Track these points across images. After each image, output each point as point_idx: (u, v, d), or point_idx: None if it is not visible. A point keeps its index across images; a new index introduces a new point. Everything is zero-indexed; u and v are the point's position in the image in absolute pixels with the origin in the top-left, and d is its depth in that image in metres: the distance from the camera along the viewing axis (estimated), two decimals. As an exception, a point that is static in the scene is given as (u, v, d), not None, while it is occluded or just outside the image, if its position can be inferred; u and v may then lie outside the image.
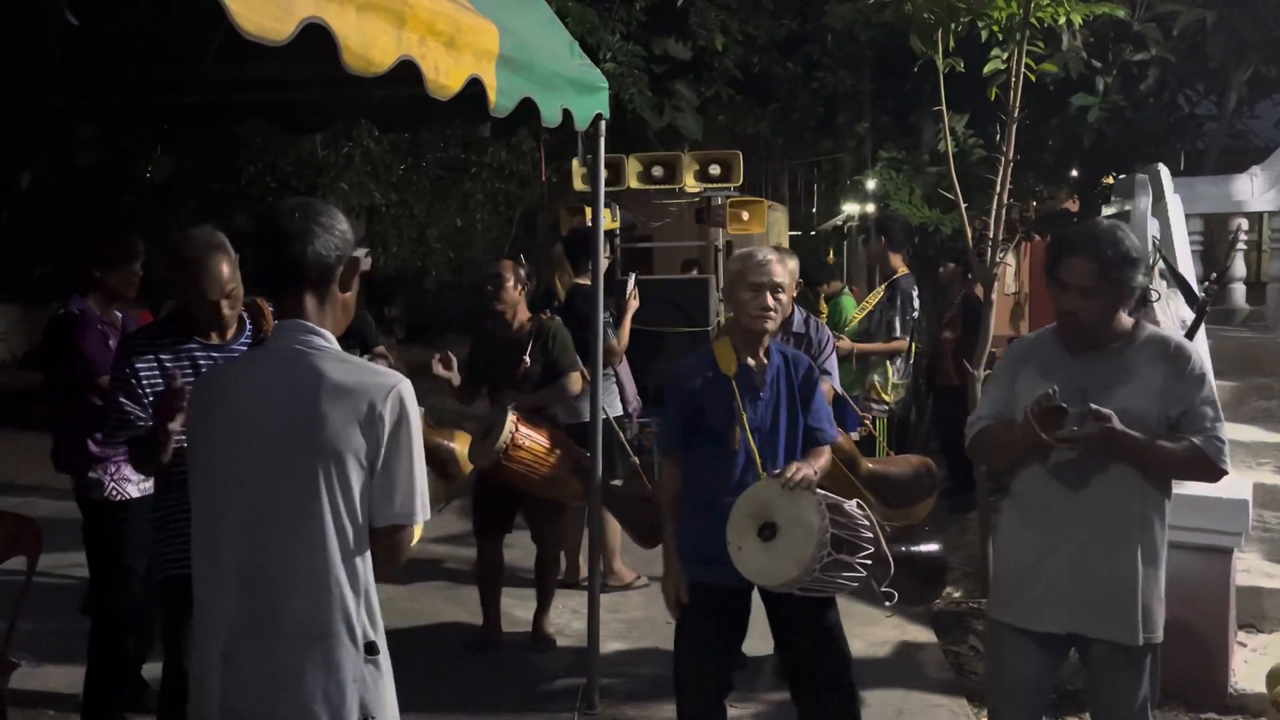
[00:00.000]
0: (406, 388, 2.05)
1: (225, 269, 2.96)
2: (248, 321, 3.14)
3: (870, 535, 2.98)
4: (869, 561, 2.96)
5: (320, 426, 1.98)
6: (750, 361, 3.20)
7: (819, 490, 2.97)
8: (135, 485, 3.82)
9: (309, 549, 1.99)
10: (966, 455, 3.11)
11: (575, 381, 4.59)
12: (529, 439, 4.26)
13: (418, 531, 2.15)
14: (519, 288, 4.65)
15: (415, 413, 2.05)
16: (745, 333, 3.21)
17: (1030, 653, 2.85)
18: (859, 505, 3.07)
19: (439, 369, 4.56)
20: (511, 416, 4.23)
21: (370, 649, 2.04)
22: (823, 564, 2.83)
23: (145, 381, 2.96)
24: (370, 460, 2.00)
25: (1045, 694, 2.94)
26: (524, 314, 4.70)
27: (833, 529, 2.85)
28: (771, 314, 3.16)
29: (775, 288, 3.16)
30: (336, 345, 2.10)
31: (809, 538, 2.83)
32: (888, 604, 3.08)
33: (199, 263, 2.95)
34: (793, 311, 4.36)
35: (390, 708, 2.09)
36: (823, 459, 3.20)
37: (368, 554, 2.04)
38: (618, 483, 4.94)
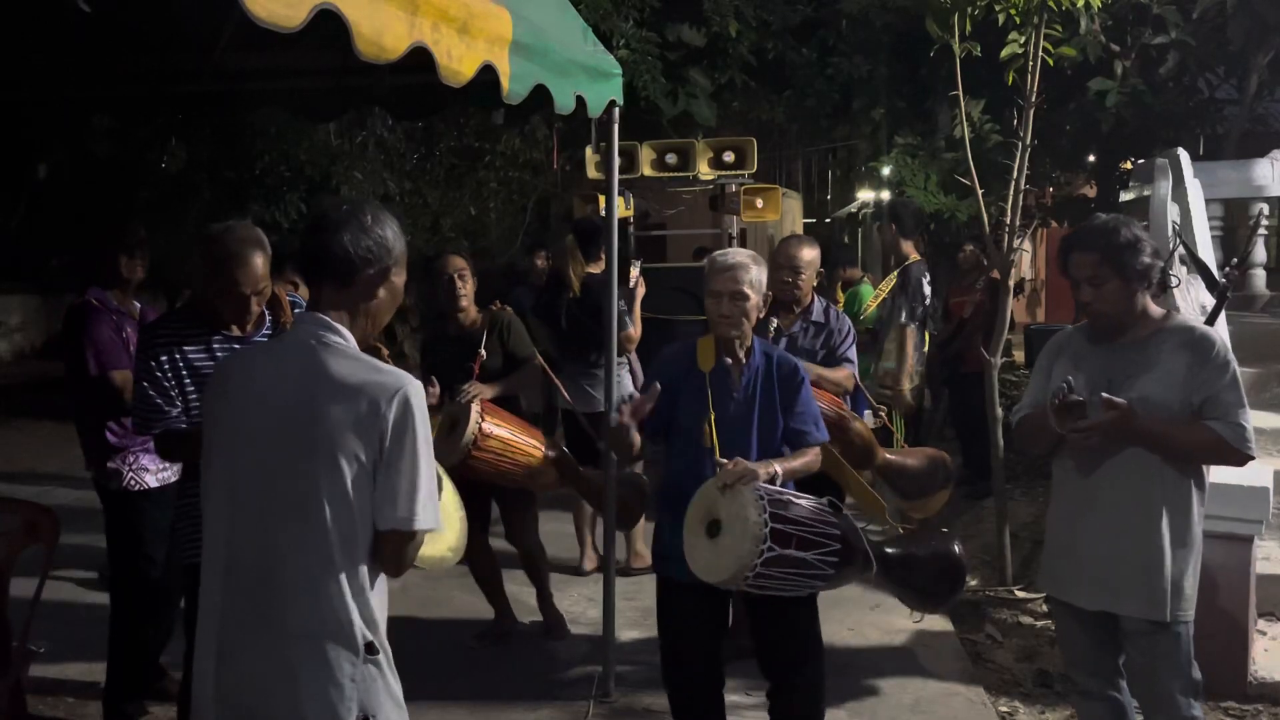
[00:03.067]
0: (415, 389, 1.99)
1: (260, 264, 2.95)
2: (267, 314, 3.13)
3: (835, 532, 2.94)
4: (834, 558, 2.93)
5: (319, 423, 1.94)
6: (728, 360, 3.19)
7: (767, 486, 2.94)
8: (153, 475, 3.84)
9: (306, 547, 1.96)
10: (1011, 442, 3.21)
11: (533, 372, 4.58)
12: (496, 428, 4.12)
13: (439, 540, 2.11)
14: (470, 280, 4.58)
15: (423, 416, 1.99)
16: (716, 336, 3.21)
17: (1077, 624, 3.01)
18: (830, 503, 3.04)
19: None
20: (476, 407, 4.10)
21: (370, 649, 2.00)
22: (764, 559, 2.81)
23: (168, 369, 2.96)
24: (372, 461, 1.95)
25: (1109, 660, 3.02)
26: (474, 309, 4.61)
27: (775, 524, 2.83)
28: (731, 321, 3.15)
29: (736, 295, 3.13)
30: (353, 343, 2.06)
31: (745, 534, 2.83)
32: (914, 619, 3.08)
33: (238, 257, 2.92)
34: (812, 300, 4.31)
35: (391, 708, 2.05)
36: (798, 460, 3.15)
37: (369, 555, 2.00)
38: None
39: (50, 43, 3.91)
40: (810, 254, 4.30)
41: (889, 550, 3.12)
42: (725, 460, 3.01)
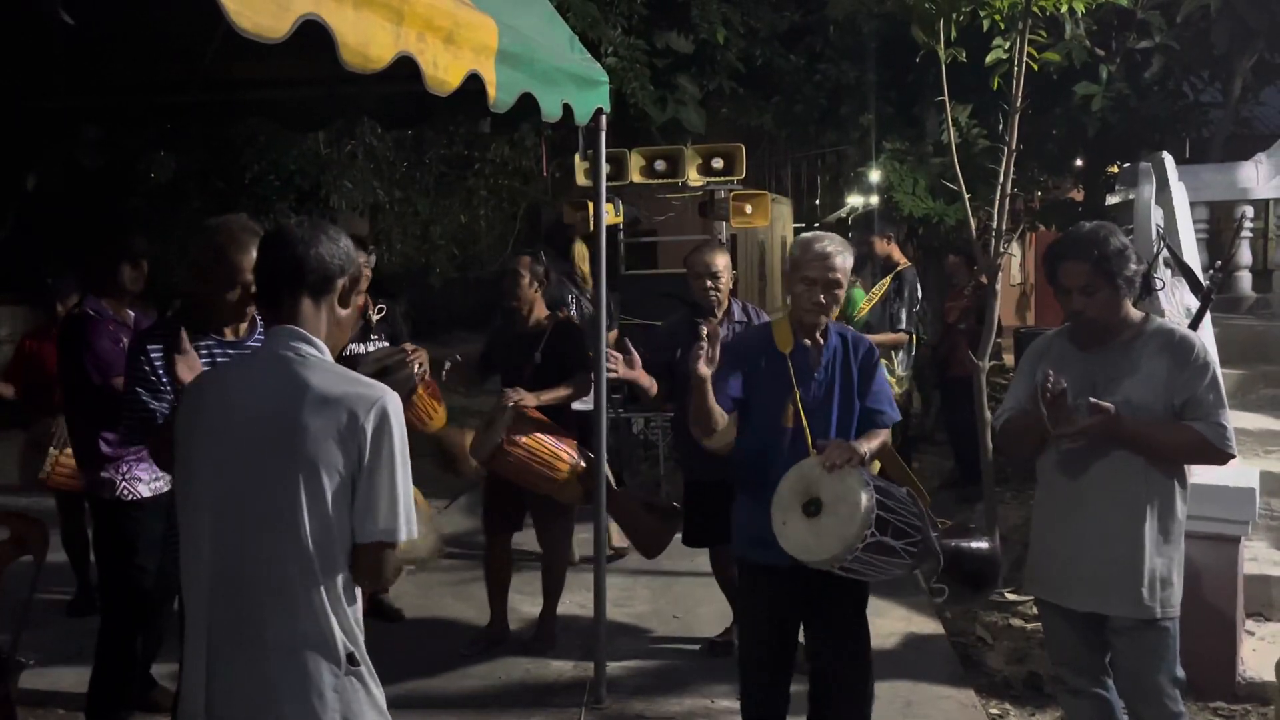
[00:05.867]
0: (393, 401, 2.00)
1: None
2: (259, 319, 3.13)
3: (918, 524, 2.94)
4: (914, 549, 2.92)
5: (300, 436, 1.95)
6: (807, 342, 3.20)
7: (866, 471, 2.95)
8: (146, 484, 3.83)
9: (287, 559, 1.96)
10: (996, 445, 3.22)
11: (586, 382, 4.60)
12: (525, 435, 4.23)
13: (408, 545, 2.12)
14: (534, 285, 4.65)
15: (401, 428, 2.00)
16: (799, 320, 3.22)
17: (1065, 625, 3.05)
18: (909, 493, 3.04)
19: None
20: (510, 411, 4.22)
21: (351, 660, 2.01)
22: (865, 543, 2.80)
23: (162, 372, 2.95)
24: (351, 473, 1.96)
25: (1096, 659, 3.06)
26: (541, 310, 4.69)
27: (879, 510, 2.83)
28: (823, 309, 3.15)
29: (832, 284, 3.12)
30: (329, 356, 2.07)
31: (854, 515, 2.81)
32: (938, 599, 3.07)
33: (240, 243, 2.90)
34: (730, 303, 4.48)
35: (375, 716, 2.06)
36: (876, 441, 3.18)
37: (348, 566, 2.00)
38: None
39: (37, 54, 3.92)
40: (724, 260, 4.50)
41: (946, 544, 3.10)
42: (820, 442, 3.01)
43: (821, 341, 3.21)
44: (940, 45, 5.31)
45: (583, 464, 4.32)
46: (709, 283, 4.39)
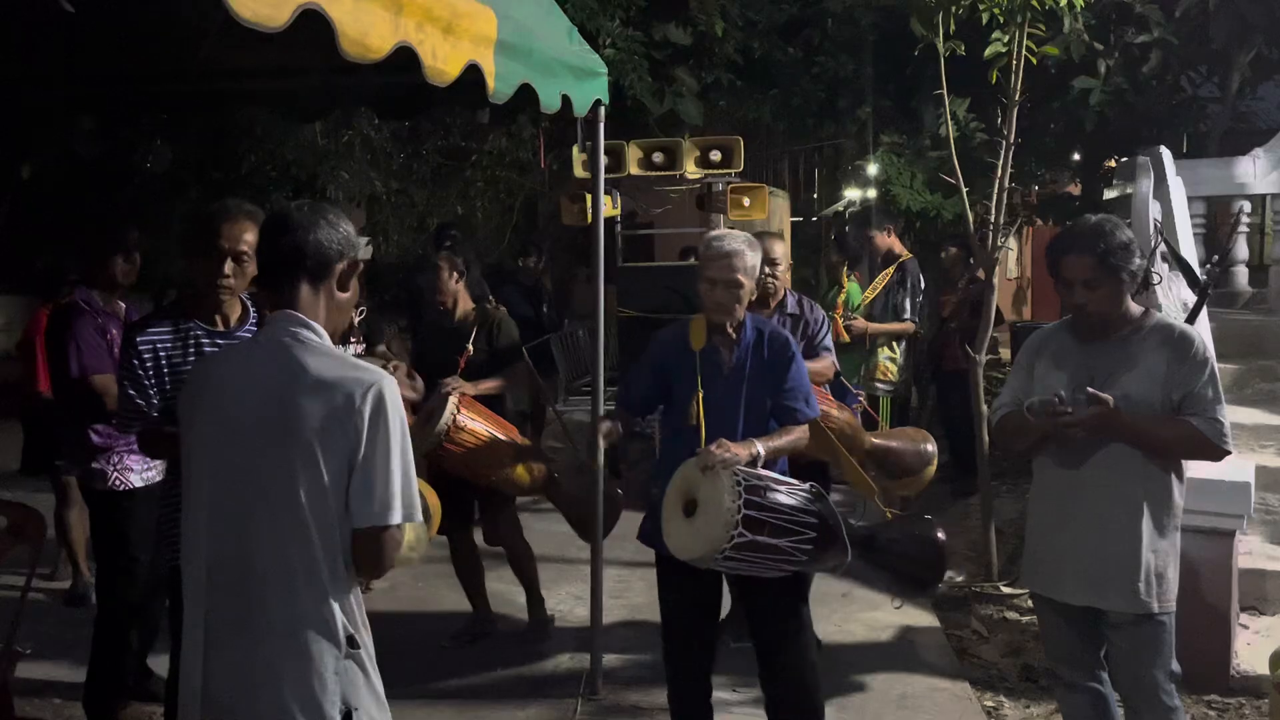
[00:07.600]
0: (389, 385, 2.01)
1: (248, 230, 2.91)
2: (253, 309, 3.12)
3: (813, 521, 2.97)
4: (809, 545, 2.96)
5: (297, 420, 1.96)
6: (718, 339, 3.22)
7: (747, 470, 2.96)
8: (138, 475, 3.84)
9: (287, 542, 1.97)
10: (993, 439, 3.24)
11: (522, 372, 4.62)
12: (470, 422, 4.21)
13: (411, 533, 2.11)
14: (454, 275, 4.67)
15: (398, 413, 2.00)
16: (709, 318, 3.24)
17: (1061, 619, 3.05)
18: (813, 488, 3.05)
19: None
20: (453, 400, 4.19)
21: (351, 643, 2.02)
22: (733, 543, 2.86)
23: (149, 366, 2.95)
24: (349, 457, 1.96)
25: (1091, 653, 3.07)
26: (466, 303, 4.71)
27: (749, 510, 2.86)
28: (724, 309, 3.17)
29: (731, 284, 3.14)
30: (328, 340, 2.08)
31: (718, 518, 2.88)
32: (895, 604, 3.10)
33: (229, 213, 2.90)
34: (784, 293, 4.42)
35: (373, 701, 2.07)
36: (785, 439, 3.16)
37: (349, 549, 2.01)
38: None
39: (33, 43, 3.90)
40: (783, 248, 4.48)
41: (873, 535, 3.14)
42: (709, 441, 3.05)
43: (734, 337, 3.22)
44: (939, 38, 5.31)
45: (528, 453, 4.33)
46: (767, 270, 4.27)
